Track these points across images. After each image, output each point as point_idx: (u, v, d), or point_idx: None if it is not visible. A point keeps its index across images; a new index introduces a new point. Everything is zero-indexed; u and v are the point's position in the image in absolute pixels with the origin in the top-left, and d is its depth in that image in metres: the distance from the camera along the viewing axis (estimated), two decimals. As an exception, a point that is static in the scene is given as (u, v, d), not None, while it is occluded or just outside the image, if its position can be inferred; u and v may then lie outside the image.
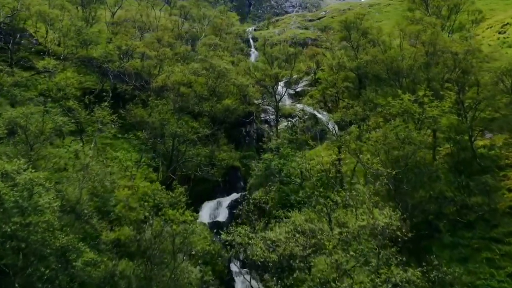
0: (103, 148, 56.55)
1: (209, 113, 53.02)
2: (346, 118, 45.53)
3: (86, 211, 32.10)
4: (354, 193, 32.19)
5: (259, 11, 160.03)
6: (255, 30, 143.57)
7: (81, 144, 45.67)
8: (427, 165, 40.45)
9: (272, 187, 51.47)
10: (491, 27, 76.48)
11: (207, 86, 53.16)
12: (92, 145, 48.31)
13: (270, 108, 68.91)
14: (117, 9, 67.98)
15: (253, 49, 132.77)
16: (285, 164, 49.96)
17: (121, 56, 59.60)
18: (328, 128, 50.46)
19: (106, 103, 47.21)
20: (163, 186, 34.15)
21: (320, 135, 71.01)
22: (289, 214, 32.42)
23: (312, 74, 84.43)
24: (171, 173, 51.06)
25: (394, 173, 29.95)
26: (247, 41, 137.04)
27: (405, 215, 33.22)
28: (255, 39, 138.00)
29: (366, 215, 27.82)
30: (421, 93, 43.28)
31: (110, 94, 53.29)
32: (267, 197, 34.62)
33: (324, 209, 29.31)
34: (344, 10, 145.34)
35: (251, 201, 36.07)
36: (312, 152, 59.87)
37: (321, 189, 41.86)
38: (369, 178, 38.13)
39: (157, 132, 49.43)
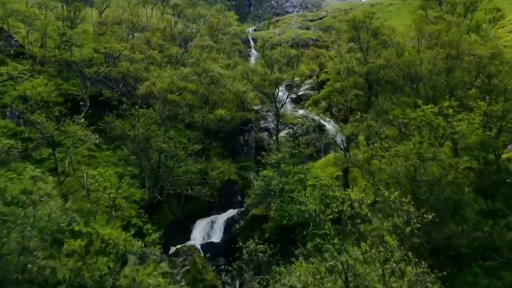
0: (85, 161, 49.22)
1: (201, 124, 45.01)
2: (357, 132, 37.48)
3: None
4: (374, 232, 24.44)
5: (260, 11, 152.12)
6: (255, 30, 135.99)
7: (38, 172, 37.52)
8: (455, 191, 32.48)
9: (272, 203, 44.08)
10: (503, 27, 68.54)
11: (199, 93, 45.14)
12: (67, 162, 40.36)
13: (270, 114, 60.86)
14: (105, 8, 60.09)
15: (253, 50, 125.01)
16: (287, 183, 42.12)
17: (107, 59, 51.74)
18: (336, 141, 42.39)
19: (79, 116, 39.10)
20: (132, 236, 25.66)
21: (325, 146, 63.48)
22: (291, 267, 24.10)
23: (314, 77, 76.53)
24: (157, 192, 43.20)
25: (431, 217, 22.15)
26: (247, 42, 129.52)
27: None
28: (255, 40, 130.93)
29: (396, 276, 19.99)
30: (445, 104, 35.30)
31: (88, 104, 45.21)
32: (265, 247, 26.31)
33: (339, 265, 21.28)
34: (345, 10, 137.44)
35: (244, 250, 27.66)
36: (317, 164, 52.23)
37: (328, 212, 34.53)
38: (387, 209, 30.21)
39: (142, 146, 41.61)
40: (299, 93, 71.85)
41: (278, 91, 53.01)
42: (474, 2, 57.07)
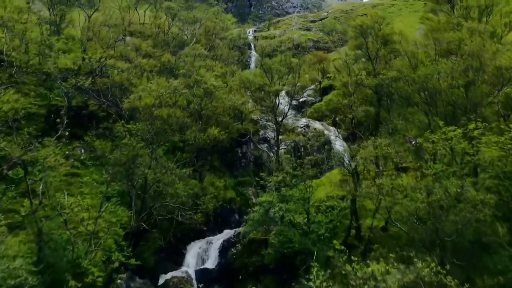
0: (68, 180, 43.48)
1: (193, 143, 39.02)
2: (368, 156, 31.41)
3: None
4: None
5: (260, 12, 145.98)
6: (255, 31, 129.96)
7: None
8: (488, 232, 26.56)
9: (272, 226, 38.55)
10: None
11: (190, 108, 39.16)
12: (41, 187, 34.38)
13: (270, 124, 54.83)
14: (94, 11, 54.06)
15: (253, 52, 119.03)
16: (288, 210, 36.30)
17: (93, 68, 45.71)
18: (343, 161, 36.31)
19: (50, 139, 33.07)
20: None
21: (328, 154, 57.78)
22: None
23: (317, 83, 70.38)
24: (145, 217, 37.33)
25: None
26: (247, 44, 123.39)
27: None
28: (255, 41, 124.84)
29: None
30: (471, 126, 29.34)
31: (65, 121, 39.17)
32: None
33: None
34: (346, 11, 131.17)
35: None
36: (321, 181, 46.35)
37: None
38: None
39: (125, 169, 35.73)
40: (301, 100, 66.04)
41: (279, 103, 46.96)
42: (490, 5, 50.80)
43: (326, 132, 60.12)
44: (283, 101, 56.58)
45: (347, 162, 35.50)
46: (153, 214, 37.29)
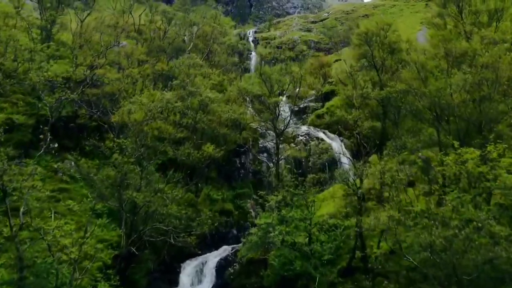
0: (56, 196, 40.36)
1: (186, 161, 35.72)
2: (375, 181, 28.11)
3: None
4: None
5: (261, 12, 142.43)
6: (256, 32, 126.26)
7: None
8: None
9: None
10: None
11: (184, 123, 35.82)
12: (22, 209, 31.09)
13: (270, 132, 51.39)
14: (87, 16, 50.64)
15: (253, 53, 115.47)
16: (288, 233, 33.13)
17: (85, 76, 42.41)
18: (348, 181, 32.94)
19: (29, 160, 29.77)
20: None
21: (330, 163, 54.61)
22: None
23: (318, 89, 66.91)
24: (136, 239, 34.10)
25: None
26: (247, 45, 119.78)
27: None
28: (256, 42, 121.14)
29: None
30: (490, 148, 26.04)
31: (48, 138, 35.80)
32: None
33: None
34: (347, 11, 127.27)
35: None
36: (322, 195, 43.20)
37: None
38: None
39: (115, 187, 32.43)
40: (302, 106, 62.30)
41: (278, 114, 43.61)
42: (500, 10, 47.28)
43: (328, 140, 56.92)
44: (283, 107, 53.37)
45: (352, 181, 32.18)
46: (143, 237, 34.10)
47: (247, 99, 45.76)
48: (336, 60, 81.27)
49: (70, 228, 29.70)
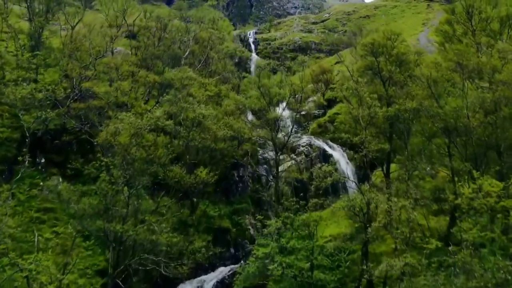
0: (40, 217, 37.37)
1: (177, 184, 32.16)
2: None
3: None
4: None
5: (261, 12, 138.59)
6: (256, 33, 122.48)
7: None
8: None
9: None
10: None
11: (175, 143, 32.26)
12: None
13: (269, 142, 47.68)
14: (77, 22, 47.02)
15: (254, 54, 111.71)
16: (289, 266, 29.66)
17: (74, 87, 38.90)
18: (354, 209, 29.40)
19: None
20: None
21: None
22: None
23: (319, 95, 63.31)
24: (123, 269, 30.62)
25: None
26: (247, 45, 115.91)
27: None
28: (256, 43, 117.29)
29: None
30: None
31: (27, 159, 32.24)
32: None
33: None
34: (349, 12, 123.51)
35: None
36: (325, 213, 39.73)
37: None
38: None
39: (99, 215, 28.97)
40: (303, 112, 58.46)
41: (278, 130, 40.06)
42: (512, 17, 43.68)
43: (330, 151, 53.37)
44: (284, 120, 49.84)
45: (357, 204, 28.67)
46: (132, 266, 30.64)
47: (246, 111, 42.16)
48: (337, 62, 77.85)
49: (47, 264, 26.37)
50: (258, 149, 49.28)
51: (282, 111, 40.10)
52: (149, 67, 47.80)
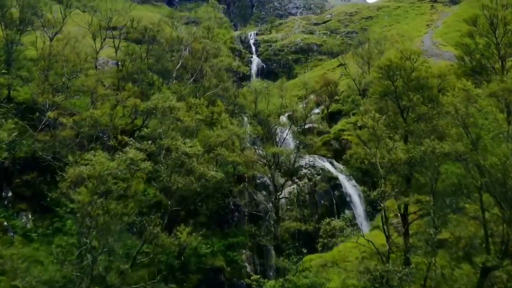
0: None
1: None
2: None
3: None
4: None
5: (262, 12, 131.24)
6: (257, 34, 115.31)
7: None
8: None
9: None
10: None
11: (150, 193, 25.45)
12: None
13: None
14: (55, 34, 40.10)
15: (254, 56, 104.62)
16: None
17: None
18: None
19: None
20: None
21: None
22: None
23: (323, 107, 56.30)
24: None
25: None
26: (248, 47, 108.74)
27: None
28: (257, 44, 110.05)
29: None
30: None
31: None
32: None
33: None
34: (351, 13, 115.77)
35: None
36: (331, 257, 33.29)
37: None
38: None
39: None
40: (305, 127, 51.13)
41: (277, 167, 33.23)
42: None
43: (335, 173, 46.54)
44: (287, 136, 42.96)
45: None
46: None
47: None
48: (340, 65, 70.86)
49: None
50: (256, 172, 42.32)
51: (281, 143, 33.31)
52: (135, 81, 41.04)
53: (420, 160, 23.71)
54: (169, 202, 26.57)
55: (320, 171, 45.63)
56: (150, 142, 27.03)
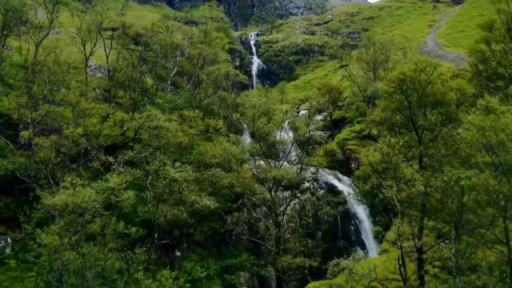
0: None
1: None
2: None
3: None
4: None
5: (263, 12, 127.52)
6: (258, 34, 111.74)
7: None
8: None
9: None
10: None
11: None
12: None
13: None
14: (42, 39, 36.55)
15: (255, 57, 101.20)
16: None
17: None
18: None
19: None
20: None
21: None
22: None
23: (326, 114, 52.84)
24: None
25: None
26: (249, 48, 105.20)
27: None
28: (257, 45, 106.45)
29: None
30: None
31: None
32: None
33: None
34: (352, 13, 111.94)
35: None
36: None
37: None
38: None
39: None
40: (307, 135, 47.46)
41: (278, 189, 29.71)
42: None
43: (340, 187, 42.97)
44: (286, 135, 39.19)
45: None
46: None
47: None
48: (342, 66, 67.40)
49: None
50: (256, 186, 38.65)
51: (281, 164, 29.80)
52: (127, 89, 37.49)
53: (442, 190, 20.13)
54: (156, 235, 23.07)
55: (324, 185, 42.31)
56: (134, 169, 23.43)
